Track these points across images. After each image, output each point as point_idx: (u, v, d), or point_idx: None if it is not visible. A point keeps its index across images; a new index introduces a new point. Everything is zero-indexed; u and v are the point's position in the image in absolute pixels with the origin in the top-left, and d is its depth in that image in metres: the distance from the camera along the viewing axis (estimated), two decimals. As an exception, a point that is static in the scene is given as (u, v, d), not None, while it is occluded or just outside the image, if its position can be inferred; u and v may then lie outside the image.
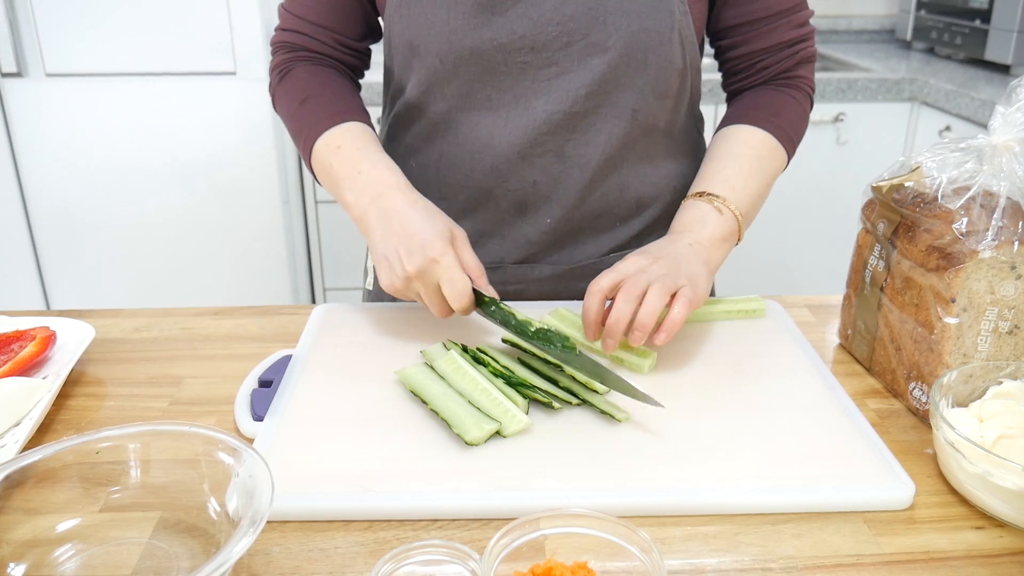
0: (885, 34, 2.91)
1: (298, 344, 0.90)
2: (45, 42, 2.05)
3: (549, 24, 0.89)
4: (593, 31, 0.89)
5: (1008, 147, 0.75)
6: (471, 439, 0.72)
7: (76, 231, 2.23)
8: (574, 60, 0.90)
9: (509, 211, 0.99)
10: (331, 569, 0.61)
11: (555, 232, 0.99)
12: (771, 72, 1.01)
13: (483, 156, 0.95)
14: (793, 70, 1.01)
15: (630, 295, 0.79)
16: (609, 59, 0.90)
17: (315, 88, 0.96)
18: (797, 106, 1.01)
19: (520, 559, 0.59)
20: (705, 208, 0.91)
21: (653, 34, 0.90)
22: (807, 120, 1.03)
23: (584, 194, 0.97)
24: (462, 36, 0.89)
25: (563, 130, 0.93)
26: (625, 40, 0.89)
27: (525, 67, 0.91)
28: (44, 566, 0.60)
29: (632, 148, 0.97)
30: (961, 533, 0.65)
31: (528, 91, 0.92)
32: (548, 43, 0.89)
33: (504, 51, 0.90)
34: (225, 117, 2.13)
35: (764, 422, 0.76)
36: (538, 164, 0.95)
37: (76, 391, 0.84)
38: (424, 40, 0.91)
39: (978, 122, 2.00)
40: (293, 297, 2.36)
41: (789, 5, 0.97)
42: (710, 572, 0.61)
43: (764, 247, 2.40)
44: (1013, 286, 0.74)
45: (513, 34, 0.89)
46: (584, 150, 0.94)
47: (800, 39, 1.00)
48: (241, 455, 0.62)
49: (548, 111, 0.92)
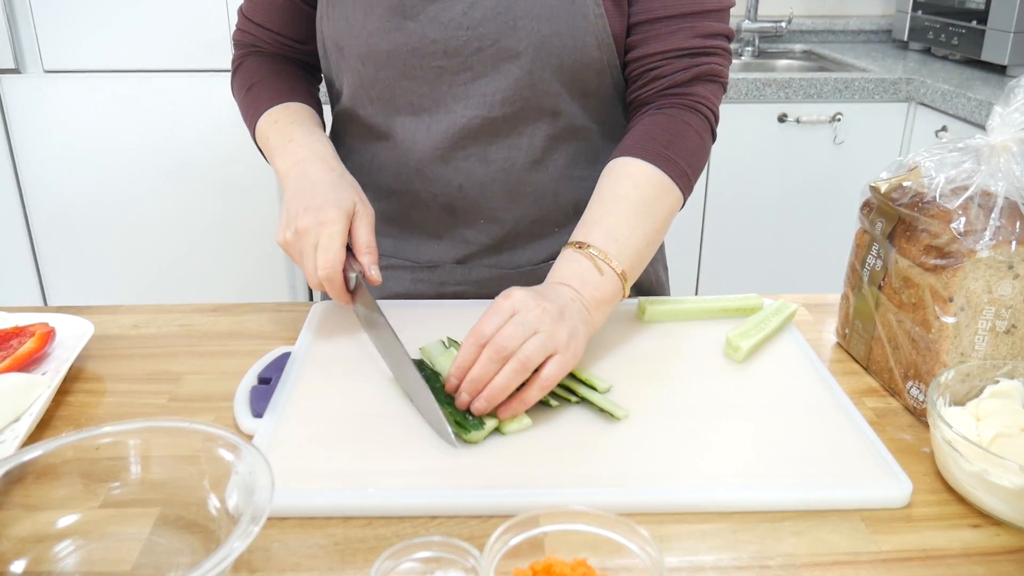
0: (882, 34, 2.91)
1: (297, 341, 0.90)
2: (43, 38, 2.05)
3: (459, 29, 0.88)
4: (504, 36, 0.88)
5: (1006, 147, 0.75)
6: (470, 437, 0.72)
7: (73, 227, 2.23)
8: (487, 65, 0.89)
9: (441, 214, 0.99)
10: (330, 565, 0.61)
11: (490, 234, 0.99)
12: (664, 83, 0.92)
13: (408, 160, 0.96)
14: (688, 85, 0.92)
15: (498, 353, 0.72)
16: (522, 63, 0.89)
17: (260, 76, 1.01)
18: (693, 134, 0.91)
19: (519, 556, 0.59)
20: (585, 264, 0.82)
21: (566, 38, 0.88)
22: (706, 150, 0.93)
23: (513, 198, 0.97)
24: (378, 39, 0.90)
25: (484, 134, 0.93)
26: (536, 45, 0.88)
27: (441, 71, 0.90)
28: (44, 562, 0.60)
29: (560, 151, 0.96)
30: (958, 531, 0.65)
31: (447, 95, 0.92)
32: (459, 48, 0.89)
33: (418, 55, 0.90)
34: (223, 114, 2.13)
35: (763, 420, 0.77)
36: (462, 168, 0.95)
37: (75, 387, 0.84)
38: (347, 42, 0.92)
39: (974, 122, 2.01)
40: (290, 294, 2.36)
41: (696, 10, 0.89)
42: (709, 570, 0.61)
43: (760, 246, 2.40)
44: (1010, 285, 0.74)
45: (425, 38, 0.89)
46: (507, 153, 0.94)
47: (702, 50, 0.91)
48: (241, 451, 0.62)
49: (467, 115, 0.92)
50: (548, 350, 0.73)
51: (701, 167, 0.92)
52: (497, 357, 0.72)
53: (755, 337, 0.87)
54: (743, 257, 2.41)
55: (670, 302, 0.95)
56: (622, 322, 0.94)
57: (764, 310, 0.93)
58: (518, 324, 0.73)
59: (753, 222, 2.38)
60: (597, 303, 0.81)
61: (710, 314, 0.95)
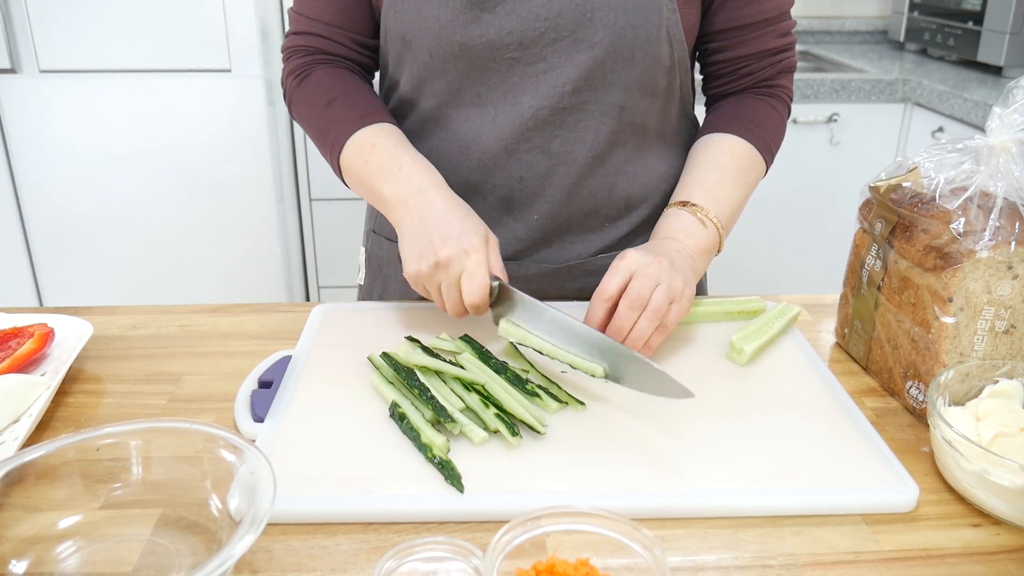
0: (878, 35, 2.92)
1: (297, 345, 0.90)
2: (39, 38, 2.04)
3: (537, 20, 0.89)
4: (580, 27, 0.89)
5: (1005, 148, 0.75)
6: (479, 440, 0.72)
7: (70, 228, 2.22)
8: (561, 56, 0.91)
9: (497, 207, 0.99)
10: (333, 566, 0.61)
11: (542, 229, 1.00)
12: (753, 79, 1.02)
13: (470, 152, 0.96)
14: (775, 79, 1.03)
15: (634, 303, 0.81)
16: (595, 55, 0.90)
17: (341, 90, 0.97)
18: (777, 116, 1.02)
19: (522, 556, 0.59)
20: (689, 219, 0.92)
21: (640, 31, 0.90)
22: (784, 130, 1.04)
23: (571, 191, 0.97)
24: (451, 32, 0.90)
25: (550, 126, 0.94)
26: (612, 36, 0.90)
27: (513, 63, 0.91)
28: (45, 563, 0.60)
29: (620, 146, 0.97)
30: (958, 531, 0.66)
31: (516, 87, 0.93)
32: (536, 39, 0.90)
33: (492, 47, 0.90)
34: (220, 114, 2.13)
35: (768, 424, 0.76)
36: (525, 160, 0.96)
37: (74, 388, 0.84)
38: (416, 35, 0.92)
39: (971, 123, 2.01)
40: (287, 295, 2.36)
41: (776, 13, 0.99)
42: (710, 569, 0.61)
43: (758, 247, 2.41)
44: (1009, 286, 0.74)
45: (501, 30, 0.90)
46: (571, 147, 0.95)
47: (784, 48, 1.01)
48: (243, 452, 0.62)
49: (535, 107, 0.93)
50: (672, 297, 0.82)
51: (780, 144, 1.03)
52: (635, 306, 0.81)
53: (758, 340, 0.87)
54: (740, 258, 2.42)
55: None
56: (622, 323, 0.94)
57: (767, 313, 0.93)
58: (643, 277, 0.81)
59: (750, 222, 2.37)
60: (701, 252, 0.91)
61: (713, 317, 0.95)
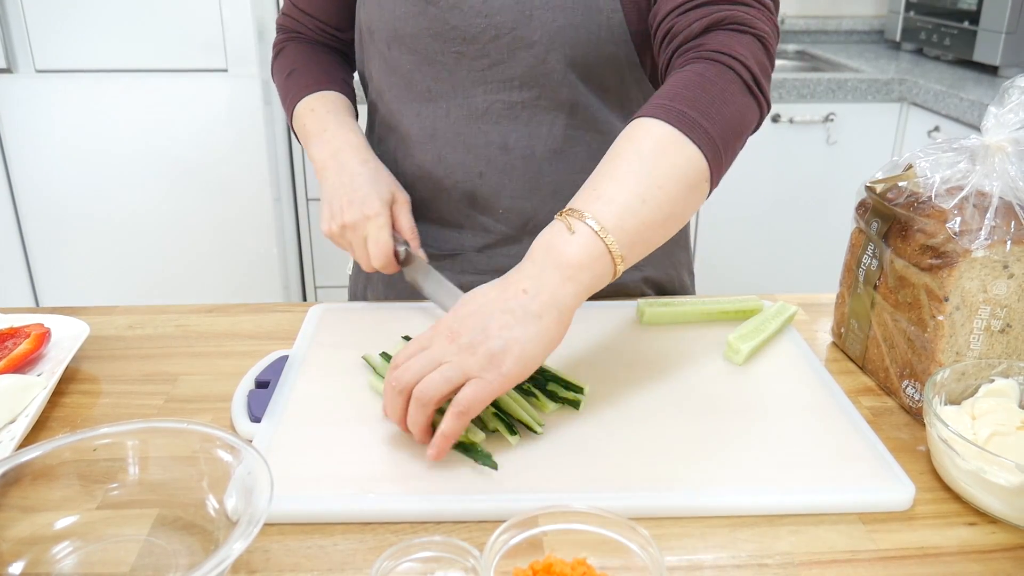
0: (874, 35, 2.92)
1: (294, 345, 0.90)
2: (35, 38, 2.04)
3: (477, 16, 0.90)
4: (520, 26, 0.90)
5: (1001, 148, 0.76)
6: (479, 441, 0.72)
7: (66, 228, 2.22)
8: (504, 52, 0.91)
9: (462, 201, 1.00)
10: (330, 566, 0.61)
11: (510, 224, 1.00)
12: (678, 40, 0.82)
13: (428, 147, 0.98)
14: (702, 35, 0.80)
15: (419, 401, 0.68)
16: (536, 53, 0.91)
17: (301, 62, 1.06)
18: (700, 80, 0.77)
19: (519, 556, 0.59)
20: (556, 228, 0.71)
21: (581, 30, 0.90)
22: (729, 99, 0.76)
23: (533, 186, 0.97)
24: (403, 23, 0.93)
25: (504, 120, 0.94)
26: (551, 36, 0.90)
27: (459, 57, 0.93)
28: (42, 563, 0.60)
29: (580, 143, 0.96)
30: (955, 529, 0.66)
31: (466, 80, 0.94)
32: (477, 35, 0.91)
33: (439, 40, 0.92)
34: (216, 114, 2.13)
35: (765, 424, 0.76)
36: (483, 155, 0.96)
37: (71, 388, 0.84)
38: (377, 26, 0.95)
39: (967, 122, 2.02)
40: (284, 295, 2.35)
41: None
42: (707, 568, 0.61)
43: (754, 246, 2.41)
44: (1005, 285, 0.74)
45: (446, 24, 0.91)
46: (527, 142, 0.95)
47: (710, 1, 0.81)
48: (240, 453, 0.62)
49: (488, 101, 0.94)
50: (454, 380, 0.67)
51: (726, 116, 0.76)
52: (399, 393, 0.69)
53: (755, 339, 0.87)
54: (737, 257, 2.42)
55: (669, 304, 0.95)
56: (621, 325, 0.94)
57: (764, 312, 0.94)
58: (421, 358, 0.69)
59: (747, 222, 2.38)
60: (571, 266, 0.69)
61: (709, 316, 0.95)
